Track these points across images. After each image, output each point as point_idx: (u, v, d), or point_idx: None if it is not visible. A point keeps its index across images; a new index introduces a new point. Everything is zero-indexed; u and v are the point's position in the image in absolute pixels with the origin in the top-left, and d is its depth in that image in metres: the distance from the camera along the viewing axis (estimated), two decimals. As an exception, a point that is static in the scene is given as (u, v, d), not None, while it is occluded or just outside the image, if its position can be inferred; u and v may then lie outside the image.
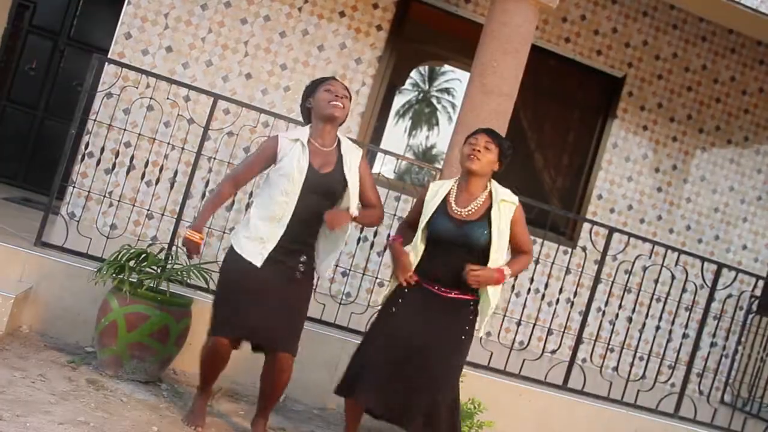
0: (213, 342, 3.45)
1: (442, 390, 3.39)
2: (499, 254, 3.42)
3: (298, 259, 3.48)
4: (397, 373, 3.36)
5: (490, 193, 3.51)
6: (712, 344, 6.17)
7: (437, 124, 32.48)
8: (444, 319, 3.43)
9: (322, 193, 3.47)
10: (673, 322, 5.73)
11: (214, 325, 3.46)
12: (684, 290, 5.65)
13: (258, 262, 3.40)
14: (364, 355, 3.47)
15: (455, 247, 3.43)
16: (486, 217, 3.44)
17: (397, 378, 3.35)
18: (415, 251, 3.49)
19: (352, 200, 3.52)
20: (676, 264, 5.37)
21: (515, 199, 3.53)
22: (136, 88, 5.71)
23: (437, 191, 3.56)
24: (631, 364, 5.45)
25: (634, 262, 5.67)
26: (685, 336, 6.06)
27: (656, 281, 5.49)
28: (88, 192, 5.24)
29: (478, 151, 3.46)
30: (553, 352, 5.47)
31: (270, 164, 3.53)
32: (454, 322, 3.44)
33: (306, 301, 3.58)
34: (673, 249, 5.24)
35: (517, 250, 3.59)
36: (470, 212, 3.46)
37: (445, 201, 3.51)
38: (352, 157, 3.57)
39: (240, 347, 3.58)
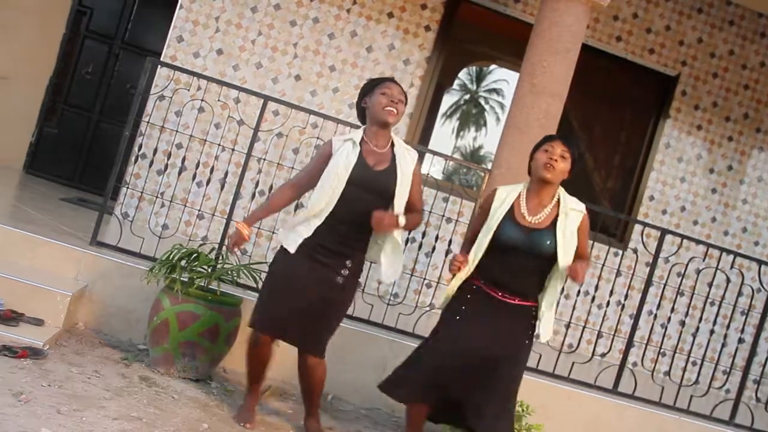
0: (253, 336, 3.55)
1: (511, 397, 3.41)
2: (566, 259, 3.37)
3: (343, 263, 3.49)
4: (465, 380, 3.34)
5: (559, 200, 3.45)
6: (770, 350, 6.00)
7: (485, 124, 32.18)
8: (508, 326, 3.40)
9: (377, 192, 3.46)
10: (728, 327, 5.58)
11: (253, 318, 3.56)
12: (740, 294, 5.51)
13: (292, 249, 3.46)
14: (428, 358, 3.43)
15: (522, 254, 3.37)
16: (553, 225, 3.40)
17: (464, 384, 3.34)
18: (476, 253, 3.41)
19: (399, 200, 3.51)
20: (732, 267, 5.23)
21: (582, 207, 3.48)
22: (188, 90, 5.81)
23: (505, 198, 3.48)
24: (684, 369, 5.33)
25: (687, 265, 5.54)
26: (741, 341, 5.89)
27: (710, 284, 5.36)
28: (141, 192, 5.34)
29: (555, 160, 3.38)
30: (603, 355, 5.37)
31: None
32: (518, 330, 3.42)
33: (342, 308, 3.59)
34: (728, 251, 5.10)
35: (576, 257, 3.50)
36: (539, 220, 3.40)
37: (512, 208, 3.44)
38: (406, 159, 3.57)
39: (278, 344, 3.66)
